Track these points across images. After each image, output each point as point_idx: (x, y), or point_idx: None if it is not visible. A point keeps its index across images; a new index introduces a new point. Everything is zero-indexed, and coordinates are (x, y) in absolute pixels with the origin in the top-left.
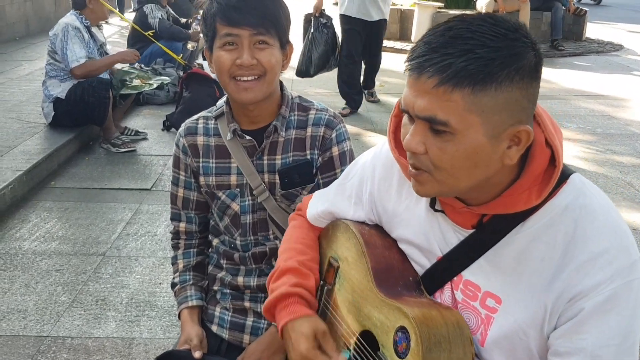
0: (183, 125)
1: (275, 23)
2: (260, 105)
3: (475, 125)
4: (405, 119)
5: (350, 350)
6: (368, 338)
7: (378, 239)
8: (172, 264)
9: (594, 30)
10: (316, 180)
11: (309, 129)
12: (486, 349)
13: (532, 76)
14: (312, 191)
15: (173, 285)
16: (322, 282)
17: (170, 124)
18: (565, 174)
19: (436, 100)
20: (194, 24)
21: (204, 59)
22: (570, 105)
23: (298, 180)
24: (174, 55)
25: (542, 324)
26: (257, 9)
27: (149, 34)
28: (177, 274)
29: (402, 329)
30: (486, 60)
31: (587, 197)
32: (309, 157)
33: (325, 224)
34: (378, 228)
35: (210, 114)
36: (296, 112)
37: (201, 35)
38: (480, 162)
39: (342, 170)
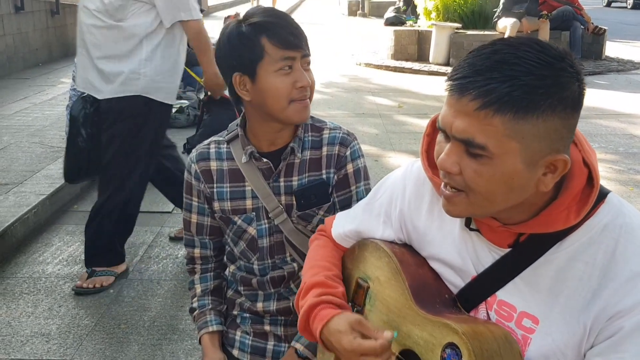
0: (194, 151)
1: (308, 45)
2: (287, 127)
3: (513, 151)
4: (440, 136)
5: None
6: (409, 358)
7: (410, 257)
8: (189, 289)
9: (613, 48)
10: (332, 199)
11: (324, 149)
12: None
13: (574, 107)
14: (328, 210)
15: (192, 310)
16: (350, 304)
17: (190, 147)
18: (603, 193)
19: (476, 123)
20: None
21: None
22: (591, 125)
23: (314, 201)
24: (196, 77)
25: (580, 344)
26: (301, 32)
27: None
28: (196, 298)
29: (452, 345)
30: (530, 87)
31: (627, 216)
32: (324, 176)
33: (350, 244)
34: (407, 247)
35: (221, 138)
36: (310, 133)
37: None
38: (515, 187)
39: (357, 187)
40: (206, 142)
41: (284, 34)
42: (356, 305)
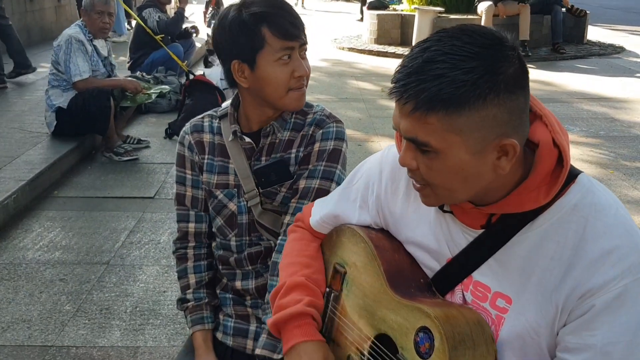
0: (188, 123)
1: (305, 32)
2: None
3: (456, 143)
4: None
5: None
6: (384, 341)
7: (386, 242)
8: (180, 277)
9: (595, 33)
10: (294, 176)
11: (304, 129)
12: (497, 348)
13: (510, 90)
14: (290, 187)
15: (184, 300)
16: (327, 290)
17: (172, 132)
18: (573, 174)
19: (415, 123)
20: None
21: (207, 67)
22: (572, 109)
23: (275, 179)
24: (179, 61)
25: (553, 323)
26: (300, 21)
27: (159, 38)
28: (190, 290)
29: (424, 329)
30: (458, 82)
31: (596, 195)
32: (293, 155)
33: (328, 230)
34: (384, 232)
35: (215, 114)
36: (295, 115)
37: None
38: (469, 176)
39: (314, 165)
40: (200, 115)
41: (285, 24)
42: (333, 290)
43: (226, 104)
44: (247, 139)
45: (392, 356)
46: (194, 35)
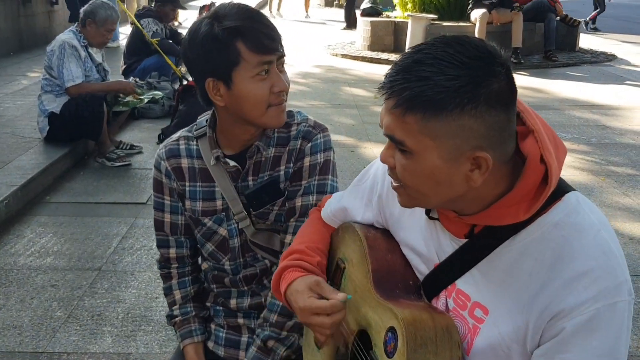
0: (162, 147)
1: (282, 43)
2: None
3: (429, 148)
4: None
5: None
6: (364, 338)
7: (382, 242)
8: (166, 295)
9: (587, 40)
10: (285, 192)
11: (290, 144)
12: (471, 358)
13: (490, 104)
14: (282, 205)
15: (171, 317)
16: (329, 283)
17: (165, 137)
18: (562, 192)
19: (395, 120)
20: None
21: None
22: (564, 116)
23: (266, 199)
24: (173, 66)
25: (524, 340)
26: (277, 32)
27: (154, 41)
28: (177, 306)
29: (392, 330)
30: (439, 88)
31: (580, 215)
32: (282, 172)
33: (337, 224)
34: (385, 232)
35: (190, 134)
36: (277, 129)
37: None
38: (441, 182)
39: (307, 182)
40: (174, 137)
41: (260, 37)
42: (334, 284)
43: (201, 121)
44: (232, 163)
45: (366, 352)
46: None
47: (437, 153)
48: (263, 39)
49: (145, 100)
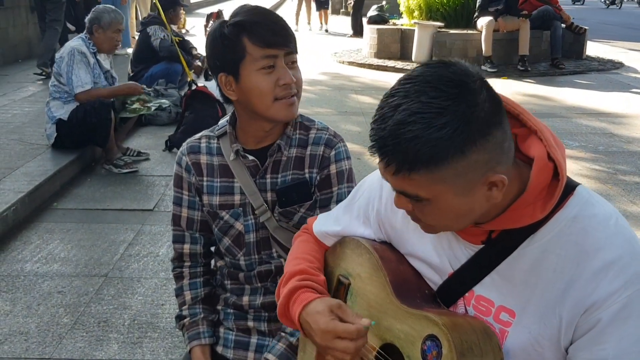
0: (185, 144)
1: (295, 42)
2: (276, 125)
3: (443, 191)
4: None
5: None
6: (389, 351)
7: (390, 253)
8: (177, 295)
9: (594, 48)
10: (314, 197)
11: (309, 148)
12: None
13: (484, 133)
14: (310, 208)
15: (180, 317)
16: None
17: (172, 145)
18: (572, 186)
19: (401, 181)
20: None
21: (207, 80)
22: (571, 124)
23: (296, 199)
24: (187, 69)
25: (557, 335)
26: (285, 29)
27: (176, 39)
28: (186, 306)
29: (432, 337)
30: (433, 142)
31: (595, 207)
32: (307, 175)
33: (331, 242)
34: (387, 244)
35: (212, 134)
36: (298, 131)
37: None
38: (463, 213)
39: (338, 189)
40: (197, 135)
41: (264, 32)
42: None
43: (223, 122)
44: (251, 157)
45: None
46: (197, 62)
47: (453, 193)
48: (266, 33)
49: (153, 108)
